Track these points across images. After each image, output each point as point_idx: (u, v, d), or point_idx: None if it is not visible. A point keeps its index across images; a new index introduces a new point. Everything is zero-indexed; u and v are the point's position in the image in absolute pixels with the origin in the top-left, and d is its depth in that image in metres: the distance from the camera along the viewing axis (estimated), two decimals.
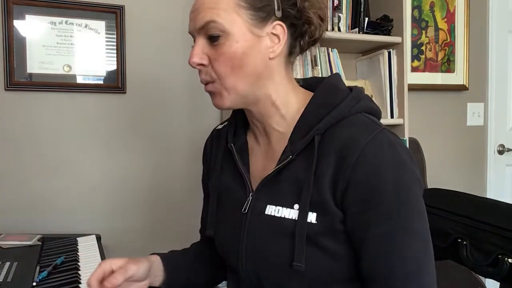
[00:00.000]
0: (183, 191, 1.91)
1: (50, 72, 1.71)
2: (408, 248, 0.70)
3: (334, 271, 0.74)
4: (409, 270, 0.70)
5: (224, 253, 0.88)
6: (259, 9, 0.75)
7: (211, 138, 0.97)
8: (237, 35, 0.74)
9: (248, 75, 0.77)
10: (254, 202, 0.80)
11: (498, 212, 1.51)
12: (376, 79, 1.97)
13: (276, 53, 0.78)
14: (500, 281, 1.42)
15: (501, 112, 2.63)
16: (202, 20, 0.75)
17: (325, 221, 0.72)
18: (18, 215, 1.67)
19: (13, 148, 1.68)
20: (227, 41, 0.75)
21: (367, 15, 1.94)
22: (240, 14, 0.74)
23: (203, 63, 0.77)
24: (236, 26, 0.74)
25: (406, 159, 0.72)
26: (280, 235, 0.75)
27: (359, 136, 0.72)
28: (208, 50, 0.77)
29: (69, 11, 1.72)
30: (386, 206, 0.70)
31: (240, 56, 0.75)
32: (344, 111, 0.76)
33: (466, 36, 2.48)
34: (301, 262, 0.72)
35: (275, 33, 0.77)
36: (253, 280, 0.80)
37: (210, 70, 0.77)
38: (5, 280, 1.08)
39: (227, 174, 0.87)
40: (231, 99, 0.78)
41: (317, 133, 0.74)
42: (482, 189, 2.60)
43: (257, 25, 0.76)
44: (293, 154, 0.76)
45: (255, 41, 0.76)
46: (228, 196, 0.86)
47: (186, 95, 1.92)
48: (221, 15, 0.74)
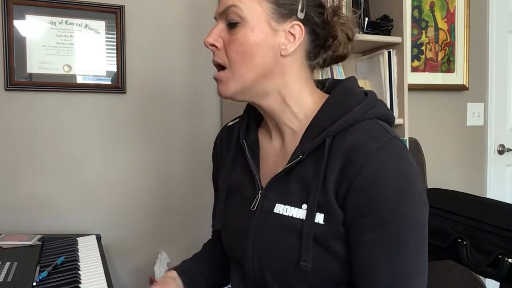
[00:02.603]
0: (183, 191, 1.91)
1: (50, 72, 1.71)
2: (397, 260, 0.70)
3: (338, 272, 0.74)
4: (395, 281, 0.70)
5: (230, 248, 0.88)
6: (281, 5, 0.77)
7: (221, 134, 0.97)
8: (254, 24, 0.76)
9: (257, 66, 0.78)
10: (263, 200, 0.81)
11: (498, 212, 1.51)
12: (376, 79, 1.97)
13: (288, 52, 0.78)
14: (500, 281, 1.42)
15: (501, 112, 2.63)
16: (225, 5, 0.78)
17: (332, 222, 0.73)
18: (18, 215, 1.67)
19: (13, 148, 1.68)
20: (243, 28, 0.77)
21: (367, 15, 1.94)
22: (262, 5, 0.77)
23: (215, 45, 0.79)
24: (255, 15, 0.76)
25: (412, 171, 0.72)
26: (288, 234, 0.76)
27: (368, 142, 0.72)
28: (224, 34, 0.79)
29: (69, 11, 1.72)
30: (383, 214, 0.70)
31: (252, 45, 0.77)
32: (357, 116, 0.76)
33: (466, 36, 2.48)
34: (308, 262, 0.72)
35: (292, 32, 0.78)
36: (257, 277, 0.80)
37: (223, 53, 0.79)
38: (5, 280, 1.08)
39: (238, 170, 0.88)
40: (236, 87, 0.79)
41: (328, 135, 0.75)
42: (482, 189, 2.60)
43: (277, 19, 0.77)
44: (303, 154, 0.76)
45: (270, 34, 0.77)
46: (238, 192, 0.87)
47: (186, 95, 1.92)
48: (244, 1, 0.76)
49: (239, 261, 0.84)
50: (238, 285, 0.88)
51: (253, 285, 0.83)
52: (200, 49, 1.93)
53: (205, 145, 1.84)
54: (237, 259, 0.86)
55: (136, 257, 1.83)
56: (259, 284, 0.81)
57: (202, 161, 1.86)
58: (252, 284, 0.83)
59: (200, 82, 1.93)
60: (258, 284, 0.81)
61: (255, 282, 0.82)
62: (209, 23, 1.92)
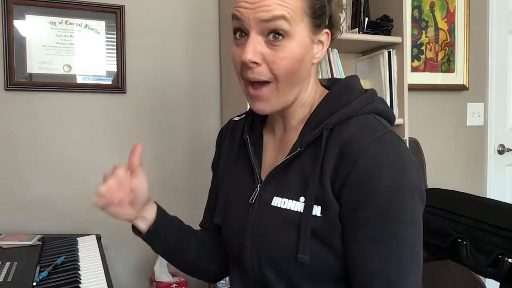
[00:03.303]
0: (183, 191, 1.91)
1: (50, 72, 1.70)
2: (392, 254, 0.70)
3: (336, 267, 0.74)
4: (390, 275, 0.70)
5: (229, 242, 0.89)
6: (317, 17, 0.76)
7: (226, 127, 0.97)
8: (299, 39, 0.74)
9: (299, 81, 0.78)
10: (261, 193, 0.81)
11: (498, 212, 1.51)
12: (376, 79, 1.97)
13: (319, 60, 0.80)
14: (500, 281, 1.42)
15: (501, 112, 2.63)
16: (270, 13, 0.71)
17: (329, 215, 0.73)
18: (18, 215, 1.67)
19: (13, 148, 1.68)
20: (290, 44, 0.73)
21: (367, 15, 1.94)
22: (303, 19, 0.74)
23: (257, 62, 0.74)
24: (299, 29, 0.74)
25: (408, 165, 0.72)
26: (285, 227, 0.76)
27: (363, 135, 0.72)
28: (263, 48, 0.74)
29: (69, 11, 1.72)
30: (378, 208, 0.70)
31: (299, 61, 0.75)
32: (355, 110, 0.76)
33: (466, 36, 2.48)
34: (306, 254, 0.73)
35: (322, 40, 0.79)
36: (256, 272, 0.81)
37: (266, 70, 0.74)
38: (5, 280, 1.08)
39: (239, 164, 0.88)
40: (278, 104, 0.78)
41: (326, 128, 0.75)
42: (482, 189, 2.60)
43: (314, 32, 0.77)
44: (302, 147, 0.77)
45: (309, 47, 0.77)
46: (238, 186, 0.87)
47: (186, 95, 1.92)
48: (292, 14, 0.72)
49: (237, 255, 0.84)
50: (237, 283, 0.88)
51: (251, 282, 0.83)
52: (200, 49, 1.94)
53: (205, 145, 1.84)
54: (235, 253, 0.86)
55: (136, 257, 1.83)
56: (258, 280, 0.81)
57: (202, 161, 1.86)
58: (250, 281, 0.83)
59: (200, 82, 1.94)
60: (256, 279, 0.81)
61: (254, 278, 0.82)
62: (209, 23, 1.94)
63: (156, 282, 1.68)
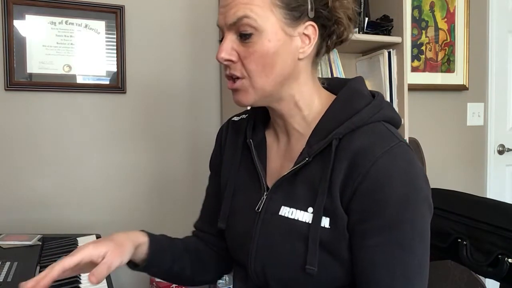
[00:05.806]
0: (183, 191, 1.91)
1: (50, 72, 1.70)
2: (400, 265, 0.70)
3: (342, 276, 0.74)
4: (396, 286, 0.70)
5: (233, 248, 0.88)
6: (293, 9, 0.74)
7: (226, 126, 0.95)
8: (270, 33, 0.73)
9: (277, 75, 0.76)
10: (268, 202, 0.80)
11: (498, 212, 1.51)
12: (376, 79, 1.97)
13: (306, 54, 0.77)
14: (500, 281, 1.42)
15: (501, 112, 2.63)
16: (234, 16, 0.73)
17: (337, 226, 0.72)
18: (18, 215, 1.67)
19: (13, 148, 1.68)
20: (260, 39, 0.73)
21: (367, 15, 1.94)
22: (274, 12, 0.73)
23: (231, 59, 0.76)
24: (269, 24, 0.73)
25: (418, 177, 0.72)
26: (293, 237, 0.75)
27: (374, 146, 0.71)
28: (238, 46, 0.75)
29: (69, 11, 1.72)
30: (387, 219, 0.69)
31: (272, 55, 0.74)
32: (364, 118, 0.75)
33: (466, 36, 2.48)
34: (314, 266, 0.72)
35: (307, 34, 0.76)
36: (260, 279, 0.80)
37: (239, 66, 0.76)
38: (5, 280, 1.08)
39: (243, 169, 0.87)
40: (256, 97, 0.78)
41: (335, 137, 0.74)
42: (482, 189, 2.60)
43: (290, 24, 0.75)
44: (310, 156, 0.75)
45: (287, 40, 0.75)
46: (242, 192, 0.86)
47: (186, 95, 1.92)
48: (255, 11, 0.72)
49: (242, 260, 0.84)
50: (240, 285, 0.87)
51: (255, 286, 0.83)
52: (200, 49, 1.94)
53: (205, 145, 1.84)
54: (240, 260, 0.85)
55: None
56: (261, 286, 0.81)
57: (202, 161, 1.86)
58: (254, 285, 0.83)
59: (200, 82, 1.94)
60: (260, 285, 0.81)
61: (258, 283, 0.81)
62: (208, 23, 1.93)
63: (156, 283, 1.68)
